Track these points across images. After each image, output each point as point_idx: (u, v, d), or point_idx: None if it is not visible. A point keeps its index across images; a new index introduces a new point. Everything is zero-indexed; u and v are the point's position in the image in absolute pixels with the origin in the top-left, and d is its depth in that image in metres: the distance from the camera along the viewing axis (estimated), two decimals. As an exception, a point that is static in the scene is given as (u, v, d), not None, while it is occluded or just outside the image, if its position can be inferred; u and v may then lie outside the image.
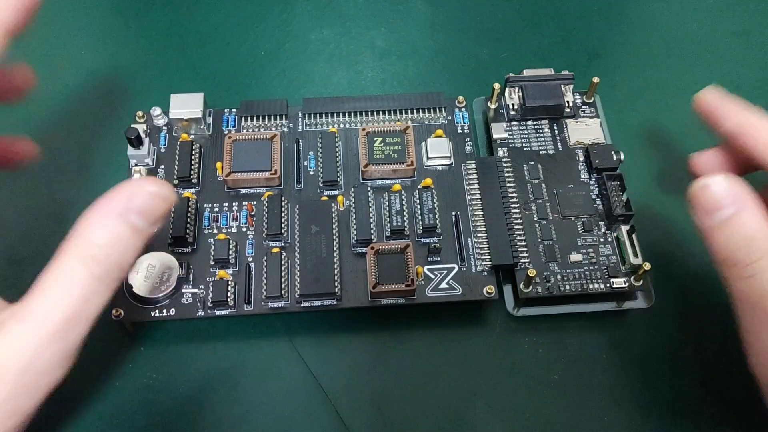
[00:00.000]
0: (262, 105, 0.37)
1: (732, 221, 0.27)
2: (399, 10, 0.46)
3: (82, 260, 0.25)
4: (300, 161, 0.36)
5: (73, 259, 0.25)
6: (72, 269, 0.24)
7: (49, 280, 0.24)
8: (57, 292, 0.24)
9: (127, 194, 0.26)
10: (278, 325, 0.34)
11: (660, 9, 0.46)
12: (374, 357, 0.33)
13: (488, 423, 0.32)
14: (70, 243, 0.25)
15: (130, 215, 0.26)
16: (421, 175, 0.36)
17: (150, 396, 0.32)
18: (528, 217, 0.35)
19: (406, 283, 0.32)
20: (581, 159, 0.37)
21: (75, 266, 0.25)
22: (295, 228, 0.33)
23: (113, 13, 0.45)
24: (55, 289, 0.24)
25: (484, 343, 0.34)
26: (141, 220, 0.26)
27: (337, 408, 0.32)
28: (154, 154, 0.36)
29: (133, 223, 0.26)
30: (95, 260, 0.25)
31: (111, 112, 0.40)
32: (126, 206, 0.26)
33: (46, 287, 0.24)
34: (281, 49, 0.44)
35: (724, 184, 0.27)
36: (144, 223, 0.26)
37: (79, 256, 0.25)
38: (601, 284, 0.33)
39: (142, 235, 0.26)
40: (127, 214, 0.26)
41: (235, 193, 0.35)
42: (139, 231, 0.26)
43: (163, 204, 0.27)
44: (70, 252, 0.25)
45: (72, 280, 0.24)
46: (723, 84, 0.42)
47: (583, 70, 0.42)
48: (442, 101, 0.38)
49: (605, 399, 0.32)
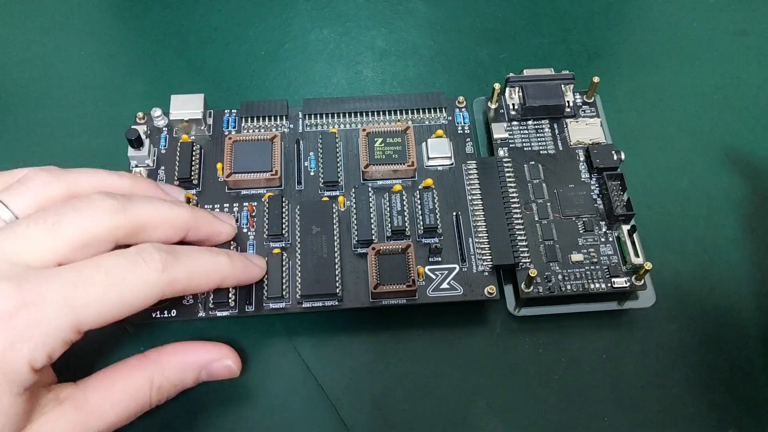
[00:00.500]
0: (263, 106, 0.37)
1: None
2: (399, 10, 0.46)
3: (150, 385, 0.28)
4: (300, 162, 0.36)
5: (145, 379, 0.28)
6: (140, 387, 0.28)
7: (117, 386, 0.27)
8: (120, 401, 0.27)
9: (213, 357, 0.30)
10: (279, 326, 0.34)
11: (660, 9, 0.46)
12: (375, 357, 0.33)
13: (489, 423, 0.32)
14: (148, 363, 0.29)
15: (203, 373, 0.30)
16: (422, 175, 0.36)
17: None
18: (529, 217, 0.35)
19: (407, 284, 0.32)
20: (582, 159, 0.37)
21: (144, 386, 0.28)
22: (296, 229, 0.33)
23: (113, 13, 0.45)
24: (119, 397, 0.27)
25: (484, 343, 0.34)
26: (205, 377, 0.30)
27: (337, 408, 0.32)
28: (154, 155, 0.36)
29: (200, 378, 0.30)
30: (159, 390, 0.28)
31: (111, 113, 0.40)
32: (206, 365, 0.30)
33: (113, 390, 0.27)
34: (281, 49, 0.44)
35: None
36: (205, 379, 0.30)
37: (150, 381, 0.28)
38: (603, 284, 0.33)
39: (195, 384, 0.30)
40: (202, 372, 0.30)
41: (236, 193, 0.35)
42: (196, 383, 0.30)
43: (228, 377, 0.31)
44: (146, 371, 0.28)
45: (135, 396, 0.27)
46: (723, 84, 0.43)
47: (583, 70, 0.42)
48: (443, 101, 0.38)
49: (605, 399, 0.32)
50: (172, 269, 0.27)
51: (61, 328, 0.24)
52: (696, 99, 0.42)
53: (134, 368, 0.28)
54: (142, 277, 0.26)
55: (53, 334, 0.24)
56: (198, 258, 0.28)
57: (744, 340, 0.34)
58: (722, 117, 0.41)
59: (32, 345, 0.24)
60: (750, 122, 0.41)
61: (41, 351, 0.24)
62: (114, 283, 0.25)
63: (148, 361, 0.29)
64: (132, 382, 0.28)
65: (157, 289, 0.26)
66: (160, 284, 0.26)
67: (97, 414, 0.26)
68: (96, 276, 0.25)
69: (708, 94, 0.42)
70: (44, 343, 0.24)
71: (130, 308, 0.26)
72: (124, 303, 0.25)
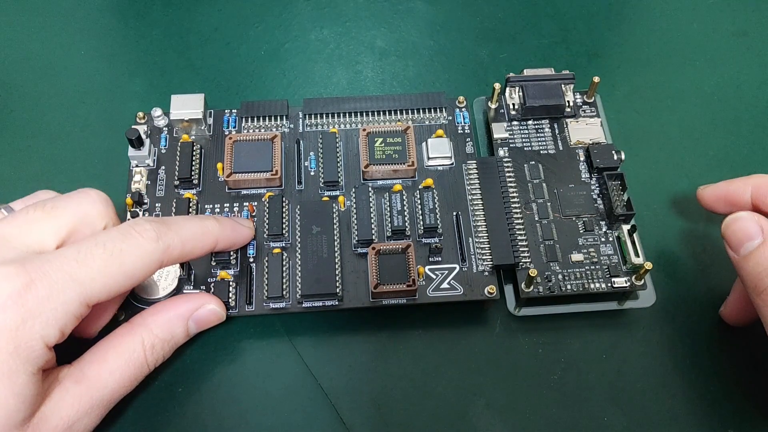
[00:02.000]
0: (263, 106, 0.37)
1: (758, 250, 0.29)
2: (399, 10, 0.46)
3: (143, 346, 0.29)
4: (301, 162, 0.36)
5: (136, 342, 0.29)
6: (133, 350, 0.29)
7: (111, 354, 0.28)
8: (116, 367, 0.28)
9: (195, 305, 0.31)
10: (279, 326, 0.34)
11: (659, 9, 0.46)
12: (375, 357, 0.33)
13: (488, 422, 0.32)
14: (135, 326, 0.29)
15: (191, 325, 0.31)
16: (422, 175, 0.36)
17: (150, 396, 0.32)
18: (529, 217, 0.35)
19: (408, 284, 0.32)
20: (582, 159, 0.37)
21: (136, 348, 0.29)
22: (296, 228, 0.33)
23: (113, 13, 0.45)
24: (115, 364, 0.28)
25: (484, 343, 0.34)
26: (195, 327, 0.31)
27: (337, 408, 0.32)
28: (154, 155, 0.36)
29: (188, 327, 0.31)
30: (152, 349, 0.29)
31: (111, 113, 0.40)
32: (190, 314, 0.31)
33: (108, 359, 0.28)
34: (281, 49, 0.44)
35: (751, 218, 0.30)
36: (195, 330, 0.31)
37: (141, 342, 0.29)
38: (603, 284, 0.33)
39: (188, 338, 0.31)
40: (190, 323, 0.31)
41: (236, 193, 0.35)
42: (188, 335, 0.31)
43: (216, 321, 0.32)
44: (135, 335, 0.29)
45: (130, 360, 0.28)
46: (723, 84, 0.43)
47: (583, 70, 0.42)
48: (443, 101, 0.38)
49: (605, 399, 0.32)
50: (166, 237, 0.28)
51: (70, 302, 0.25)
52: (696, 99, 0.42)
53: (123, 335, 0.29)
54: (140, 247, 0.27)
55: (63, 309, 0.25)
56: (188, 224, 0.29)
57: (743, 340, 0.34)
58: (722, 117, 0.41)
59: (43, 321, 0.24)
60: (750, 122, 0.41)
61: (53, 326, 0.25)
62: (113, 255, 0.26)
63: (133, 325, 0.29)
64: (124, 347, 0.29)
65: (155, 257, 0.27)
66: (157, 252, 0.27)
67: (97, 384, 0.27)
68: (95, 250, 0.26)
69: (708, 94, 0.42)
70: (55, 318, 0.25)
71: (132, 278, 0.27)
72: (126, 273, 0.26)
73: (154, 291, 0.32)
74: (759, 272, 0.29)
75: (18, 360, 0.24)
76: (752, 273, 0.29)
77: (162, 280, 0.32)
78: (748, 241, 0.29)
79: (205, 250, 0.30)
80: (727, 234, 0.30)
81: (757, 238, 0.29)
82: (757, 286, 0.29)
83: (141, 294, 0.32)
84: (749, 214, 0.30)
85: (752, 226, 0.29)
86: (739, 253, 0.30)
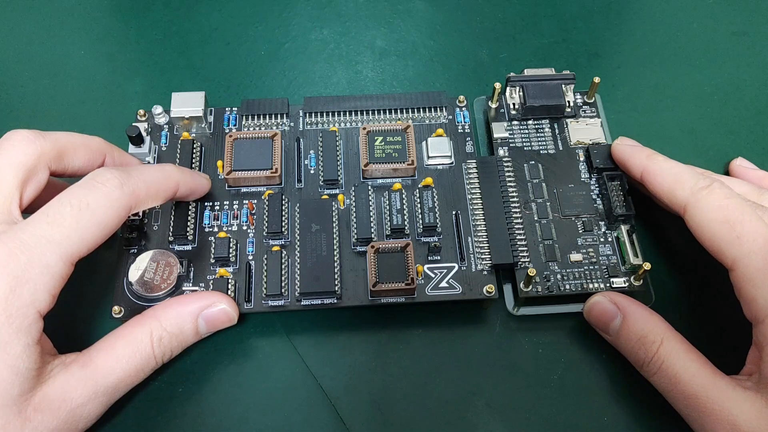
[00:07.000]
0: (263, 104, 0.37)
1: (623, 328, 0.31)
2: (399, 10, 0.46)
3: (151, 338, 0.29)
4: (301, 160, 0.36)
5: (145, 333, 0.29)
6: (141, 341, 0.29)
7: (119, 343, 0.29)
8: (123, 356, 0.28)
9: (207, 302, 0.31)
10: (278, 325, 0.34)
11: (660, 9, 0.46)
12: (374, 356, 0.33)
13: (488, 422, 0.32)
14: (146, 318, 0.30)
15: (201, 324, 0.31)
16: (422, 174, 0.36)
17: (149, 396, 0.32)
18: (528, 217, 0.35)
19: (406, 282, 0.32)
20: (582, 159, 0.37)
21: (144, 339, 0.29)
22: (296, 226, 0.33)
23: (113, 13, 0.45)
24: (122, 353, 0.28)
25: (484, 343, 0.34)
26: (204, 326, 0.31)
27: (336, 407, 0.32)
28: (155, 152, 0.36)
29: (198, 325, 0.31)
30: (160, 341, 0.29)
31: (112, 112, 0.40)
32: (200, 312, 0.31)
33: (116, 347, 0.28)
34: (281, 49, 0.44)
35: (605, 300, 0.32)
36: (205, 329, 0.31)
37: (150, 334, 0.29)
38: (601, 284, 0.33)
39: (199, 337, 0.31)
40: (201, 321, 0.31)
41: (236, 191, 0.35)
42: (198, 334, 0.31)
43: (227, 322, 0.32)
44: (145, 326, 0.29)
45: (137, 350, 0.29)
46: (723, 84, 0.43)
47: (583, 70, 0.42)
48: (443, 100, 0.38)
49: (605, 399, 0.32)
50: (130, 182, 0.28)
51: (53, 264, 0.25)
52: (696, 99, 0.42)
53: (133, 326, 0.29)
54: (107, 196, 0.27)
55: (48, 271, 0.25)
56: (149, 169, 0.30)
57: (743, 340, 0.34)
58: (722, 117, 0.41)
59: (32, 287, 0.25)
60: (750, 122, 0.41)
61: (42, 291, 0.25)
62: (82, 209, 0.26)
63: (145, 317, 0.30)
64: (133, 337, 0.29)
65: (123, 202, 0.28)
66: (124, 198, 0.28)
67: (103, 370, 0.28)
68: (63, 209, 0.26)
69: (708, 94, 0.42)
70: (43, 282, 0.25)
71: (106, 228, 0.27)
72: (99, 224, 0.27)
73: (154, 289, 0.32)
74: (632, 347, 0.30)
75: (11, 329, 0.24)
76: (627, 348, 0.31)
77: (161, 278, 0.32)
78: (611, 321, 0.31)
79: (169, 194, 0.31)
80: (591, 322, 0.33)
81: (617, 316, 0.31)
82: (637, 360, 0.30)
83: (140, 291, 0.32)
84: (602, 296, 0.32)
85: (608, 307, 0.31)
86: (610, 335, 0.32)
